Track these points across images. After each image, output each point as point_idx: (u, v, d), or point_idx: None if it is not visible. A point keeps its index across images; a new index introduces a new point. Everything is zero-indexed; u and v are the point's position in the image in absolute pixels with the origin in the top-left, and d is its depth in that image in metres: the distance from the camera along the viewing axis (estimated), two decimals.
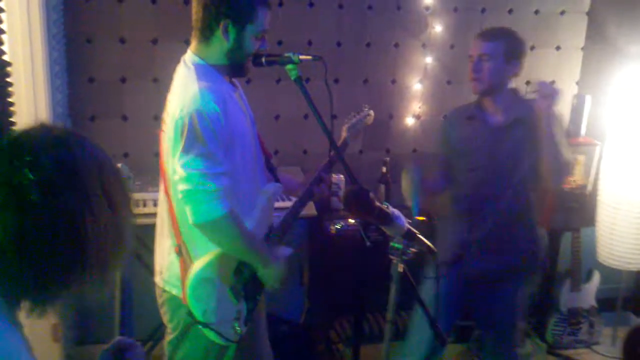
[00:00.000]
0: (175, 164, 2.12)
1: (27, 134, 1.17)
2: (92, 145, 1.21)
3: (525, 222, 2.93)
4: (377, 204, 1.84)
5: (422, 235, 1.92)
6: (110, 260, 1.21)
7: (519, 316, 3.00)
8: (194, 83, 2.15)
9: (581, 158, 4.13)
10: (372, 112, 2.83)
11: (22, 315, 1.19)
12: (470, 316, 3.39)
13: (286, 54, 2.29)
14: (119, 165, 1.81)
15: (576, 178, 4.08)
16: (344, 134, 2.68)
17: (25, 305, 1.18)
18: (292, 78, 2.30)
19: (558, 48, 4.14)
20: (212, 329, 2.23)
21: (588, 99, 4.05)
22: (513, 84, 2.89)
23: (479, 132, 2.86)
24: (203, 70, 2.20)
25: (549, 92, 2.65)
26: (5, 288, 1.14)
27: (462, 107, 3.02)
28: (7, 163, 1.11)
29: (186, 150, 2.09)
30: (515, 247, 2.92)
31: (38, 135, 1.17)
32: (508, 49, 2.74)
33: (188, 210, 2.12)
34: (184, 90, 2.16)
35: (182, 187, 2.11)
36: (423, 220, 3.73)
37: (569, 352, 4.10)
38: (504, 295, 2.95)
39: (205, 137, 2.08)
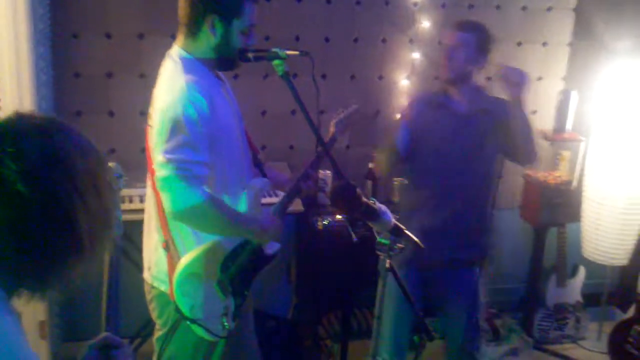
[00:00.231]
0: (156, 153, 2.12)
1: (6, 124, 1.17)
2: (73, 130, 1.22)
3: (484, 210, 2.98)
4: (364, 199, 1.84)
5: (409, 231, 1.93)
6: (100, 241, 1.24)
7: (479, 305, 3.01)
8: (181, 76, 2.14)
9: (566, 154, 4.16)
10: (359, 108, 2.83)
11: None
12: (431, 310, 3.33)
13: (273, 50, 2.28)
14: (111, 164, 1.84)
15: (561, 174, 4.11)
16: (332, 129, 2.68)
17: (24, 292, 1.19)
18: (279, 74, 2.29)
19: (545, 44, 4.16)
20: (199, 325, 2.23)
21: (574, 94, 4.07)
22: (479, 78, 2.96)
23: (443, 119, 2.89)
24: (190, 65, 2.20)
25: (517, 80, 2.74)
26: (4, 277, 1.15)
27: (427, 94, 3.08)
28: None
29: (168, 139, 2.08)
30: (474, 234, 2.96)
31: (18, 125, 1.17)
32: (480, 41, 2.82)
33: (166, 197, 2.10)
34: (171, 83, 2.16)
35: (160, 172, 2.10)
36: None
37: (556, 347, 4.13)
38: (466, 282, 2.97)
39: (189, 128, 2.08)
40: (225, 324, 2.29)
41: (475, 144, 2.86)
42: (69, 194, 1.15)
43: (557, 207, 3.99)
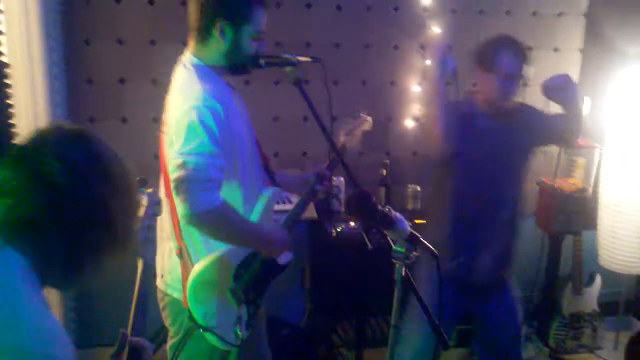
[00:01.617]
0: (172, 156, 2.10)
1: (48, 131, 1.30)
2: (103, 140, 1.35)
3: (517, 225, 2.95)
4: (380, 207, 1.82)
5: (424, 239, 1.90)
6: (130, 235, 1.37)
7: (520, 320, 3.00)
8: (197, 84, 2.15)
9: (581, 161, 4.12)
10: (369, 118, 2.81)
11: None
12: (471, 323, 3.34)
13: (285, 56, 2.28)
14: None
15: (576, 181, 4.07)
16: (342, 139, 2.66)
17: (57, 280, 1.30)
18: (291, 80, 2.28)
19: (556, 50, 4.14)
20: (213, 333, 2.21)
21: (587, 101, 4.03)
22: None
23: (478, 130, 2.83)
24: (203, 72, 2.20)
25: (561, 85, 2.78)
26: (40, 266, 1.24)
27: (456, 104, 2.92)
28: (36, 155, 1.24)
29: (185, 143, 2.07)
30: (509, 251, 2.93)
31: (59, 131, 1.30)
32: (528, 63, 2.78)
33: (181, 200, 2.07)
34: (187, 89, 2.16)
35: (176, 174, 2.07)
36: (424, 223, 3.73)
37: (572, 357, 4.08)
38: (506, 299, 2.94)
39: (206, 133, 2.07)
40: (239, 332, 2.27)
41: (509, 154, 2.84)
42: (106, 190, 1.27)
43: (572, 214, 3.94)
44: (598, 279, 4.11)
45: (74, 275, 1.30)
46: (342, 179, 3.73)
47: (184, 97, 2.14)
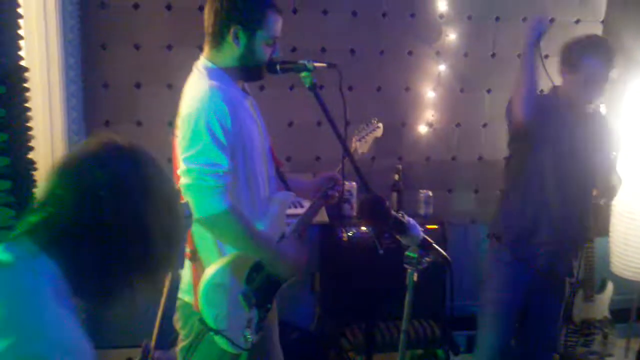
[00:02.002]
0: (179, 161, 2.14)
1: (99, 142, 1.31)
2: (154, 158, 1.35)
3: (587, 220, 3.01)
4: (393, 213, 1.84)
5: (437, 245, 1.91)
6: (168, 261, 1.35)
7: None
8: (205, 82, 2.18)
9: None
10: (380, 125, 2.82)
11: None
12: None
13: (300, 62, 2.29)
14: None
15: None
16: (354, 145, 2.68)
17: (88, 294, 1.28)
18: (307, 85, 2.30)
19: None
20: (223, 336, 2.22)
21: (602, 108, 4.02)
22: None
23: (563, 122, 2.85)
24: (215, 73, 2.23)
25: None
26: (75, 277, 1.24)
27: (539, 96, 2.92)
28: (83, 166, 1.26)
29: (190, 145, 2.11)
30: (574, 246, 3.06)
31: (109, 145, 1.31)
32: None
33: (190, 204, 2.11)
34: (195, 89, 2.20)
35: (182, 180, 2.11)
36: (435, 228, 3.73)
37: None
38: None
39: (210, 133, 2.09)
40: (248, 336, 2.28)
41: (589, 146, 2.87)
42: (148, 209, 1.27)
43: None
44: (610, 286, 4.09)
45: (104, 292, 1.30)
46: (354, 183, 3.74)
47: (191, 98, 2.17)
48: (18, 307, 1.16)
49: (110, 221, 1.23)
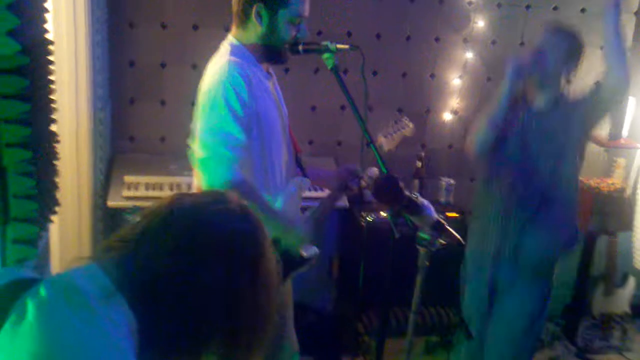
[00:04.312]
0: (196, 132, 2.16)
1: (210, 197, 1.22)
2: (255, 220, 1.21)
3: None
4: (407, 193, 1.84)
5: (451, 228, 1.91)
6: (255, 347, 1.19)
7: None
8: (225, 56, 2.21)
9: (622, 161, 4.06)
10: (411, 125, 2.81)
11: None
12: None
13: (323, 43, 2.29)
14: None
15: (615, 181, 4.01)
16: (379, 141, 2.67)
17: (150, 354, 1.12)
18: (329, 67, 2.29)
19: (604, 48, 4.06)
20: None
21: (632, 100, 3.96)
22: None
23: (520, 117, 2.77)
24: (236, 49, 2.25)
25: None
26: (144, 328, 1.10)
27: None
28: (187, 218, 1.14)
29: (207, 118, 2.14)
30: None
31: (222, 201, 1.20)
32: (570, 48, 2.77)
33: (202, 177, 2.13)
34: (216, 64, 2.23)
35: (197, 153, 2.14)
36: (456, 216, 3.72)
37: (600, 357, 4.03)
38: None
39: (226, 107, 2.11)
40: None
41: (547, 141, 2.74)
42: (244, 286, 1.14)
43: (608, 215, 3.89)
44: (631, 281, 4.06)
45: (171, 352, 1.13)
46: (375, 169, 3.72)
47: (211, 72, 2.21)
48: None
49: (198, 283, 1.10)
